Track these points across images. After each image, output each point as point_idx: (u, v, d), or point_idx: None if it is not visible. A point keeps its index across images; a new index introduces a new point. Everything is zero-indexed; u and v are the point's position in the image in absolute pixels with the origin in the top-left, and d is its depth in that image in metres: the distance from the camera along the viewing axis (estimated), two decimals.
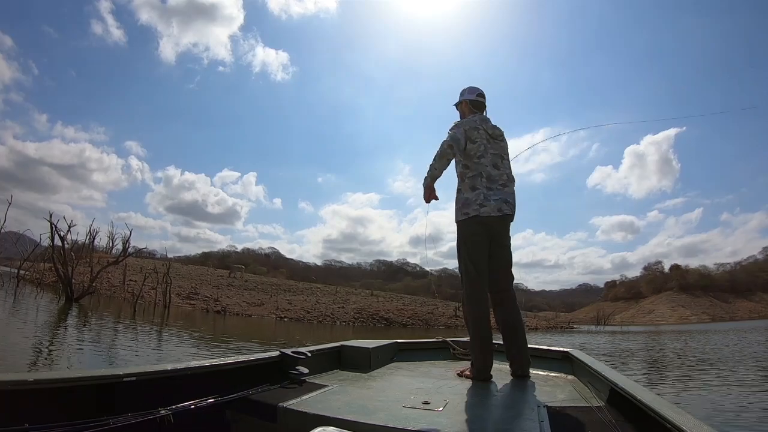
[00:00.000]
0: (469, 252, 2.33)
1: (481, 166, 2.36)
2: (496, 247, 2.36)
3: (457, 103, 2.68)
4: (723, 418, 3.63)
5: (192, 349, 6.86)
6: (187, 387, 1.47)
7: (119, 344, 6.77)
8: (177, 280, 26.24)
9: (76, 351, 5.56)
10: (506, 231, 2.40)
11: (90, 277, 14.55)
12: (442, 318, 24.76)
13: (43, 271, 20.08)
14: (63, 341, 6.36)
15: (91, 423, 1.12)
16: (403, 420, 1.38)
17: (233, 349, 7.43)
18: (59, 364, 4.61)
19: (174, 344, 7.48)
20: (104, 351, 5.87)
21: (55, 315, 10.26)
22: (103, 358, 5.29)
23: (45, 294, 16.41)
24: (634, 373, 6.53)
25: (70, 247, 16.40)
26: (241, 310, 20.25)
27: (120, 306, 15.55)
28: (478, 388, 2.00)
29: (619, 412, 1.47)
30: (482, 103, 2.60)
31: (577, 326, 35.56)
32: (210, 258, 75.61)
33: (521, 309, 2.47)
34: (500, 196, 2.33)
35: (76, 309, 12.41)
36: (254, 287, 28.67)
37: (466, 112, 2.59)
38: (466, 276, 2.33)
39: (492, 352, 2.21)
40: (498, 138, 2.48)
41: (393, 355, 2.81)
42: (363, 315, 22.14)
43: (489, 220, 2.30)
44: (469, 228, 2.34)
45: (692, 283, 71.12)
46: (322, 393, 1.74)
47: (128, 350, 6.17)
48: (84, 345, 6.15)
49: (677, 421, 1.04)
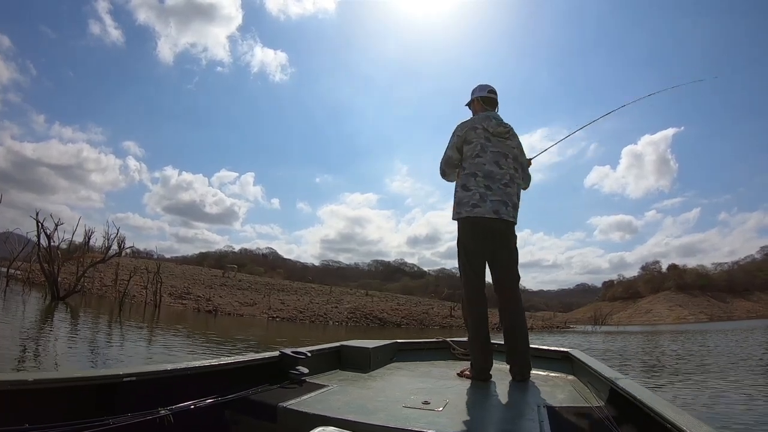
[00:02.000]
0: (466, 252, 2.30)
1: (477, 166, 2.31)
2: (498, 246, 2.29)
3: (469, 103, 2.65)
4: (722, 418, 3.59)
5: (159, 349, 6.71)
6: (187, 387, 1.47)
7: (86, 343, 6.62)
8: (170, 279, 26.15)
9: (42, 350, 5.41)
10: (509, 231, 2.31)
11: (76, 276, 14.34)
12: (437, 318, 24.68)
13: (31, 270, 19.91)
14: (32, 340, 6.21)
15: (90, 423, 1.12)
16: (403, 420, 1.37)
17: (212, 347, 7.28)
18: (26, 365, 4.48)
19: (144, 343, 7.33)
20: (66, 351, 5.71)
21: (35, 314, 10.10)
22: (63, 358, 5.13)
23: (33, 293, 16.29)
24: (627, 375, 6.38)
25: (67, 246, 16.29)
26: (233, 309, 20.10)
27: (108, 305, 15.41)
28: (478, 388, 2.00)
29: (619, 412, 1.46)
30: (493, 100, 2.58)
31: (574, 326, 35.47)
32: (207, 258, 75.57)
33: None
34: (500, 197, 2.26)
35: (61, 308, 12.26)
36: (248, 287, 28.55)
37: (477, 109, 2.57)
38: (464, 275, 2.30)
39: (492, 353, 2.19)
40: (501, 136, 2.40)
41: (393, 355, 2.80)
42: (356, 315, 22.02)
43: (483, 222, 2.24)
44: (464, 228, 2.31)
45: (690, 282, 71.27)
46: (322, 393, 1.75)
47: (91, 348, 6.02)
48: (50, 344, 6.00)
49: (677, 420, 1.04)
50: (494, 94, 2.58)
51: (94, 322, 10.08)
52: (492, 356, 2.18)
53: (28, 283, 19.32)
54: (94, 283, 21.35)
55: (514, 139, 2.45)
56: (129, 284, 17.64)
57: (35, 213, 13.99)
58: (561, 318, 42.35)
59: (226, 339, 9.08)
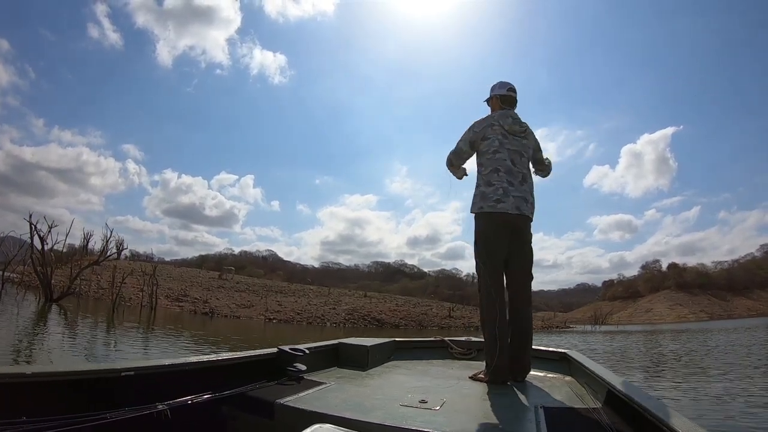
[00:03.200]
0: (486, 246, 2.26)
1: (498, 161, 2.32)
2: (517, 242, 2.29)
3: (487, 99, 2.62)
4: (719, 421, 3.56)
5: (137, 351, 6.63)
6: (185, 382, 1.46)
7: (69, 343, 6.55)
8: (168, 282, 26.09)
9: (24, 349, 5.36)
10: (527, 227, 2.34)
11: (70, 278, 14.28)
12: (436, 319, 24.58)
13: (26, 273, 19.87)
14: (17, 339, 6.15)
15: (88, 417, 1.11)
16: (400, 418, 1.37)
17: (202, 349, 7.21)
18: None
19: (129, 345, 7.26)
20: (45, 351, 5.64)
21: (26, 317, 10.04)
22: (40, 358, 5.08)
23: (29, 295, 16.23)
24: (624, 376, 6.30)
25: (67, 249, 16.20)
26: (229, 311, 20.03)
27: (103, 308, 15.33)
28: (476, 387, 1.99)
29: (616, 414, 1.47)
30: (513, 98, 2.55)
31: (573, 326, 35.35)
32: (207, 261, 75.39)
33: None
34: (520, 194, 2.30)
35: (54, 310, 12.19)
36: (245, 289, 28.47)
37: (495, 107, 2.56)
38: (484, 271, 2.25)
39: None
40: (517, 134, 2.42)
41: (391, 354, 2.80)
42: (354, 316, 21.93)
43: (505, 217, 2.25)
44: (485, 221, 2.29)
45: (690, 281, 71.13)
46: (320, 390, 1.75)
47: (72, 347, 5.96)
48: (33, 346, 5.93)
49: (673, 423, 1.04)
50: (514, 93, 2.56)
51: (82, 323, 10.02)
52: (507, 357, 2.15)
53: (24, 286, 19.30)
54: (91, 285, 21.29)
55: (530, 138, 2.48)
56: (124, 286, 17.59)
57: (29, 216, 13.87)
58: (561, 318, 42.22)
59: (218, 341, 9.02)
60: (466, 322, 24.41)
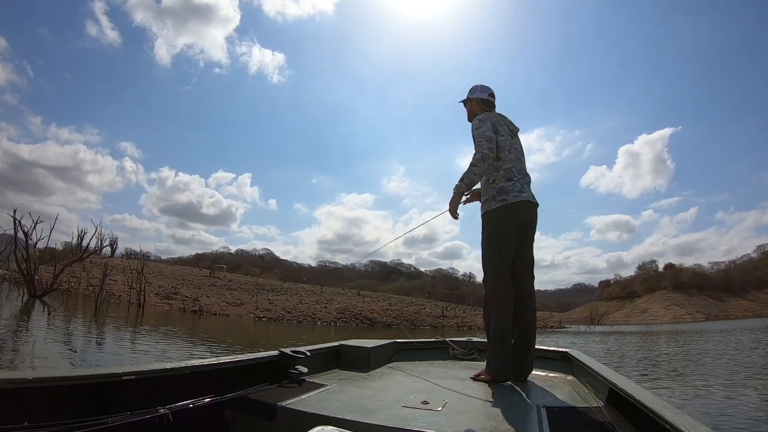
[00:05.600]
0: (499, 243, 2.24)
1: (512, 161, 2.34)
2: (525, 241, 2.31)
3: (464, 100, 2.60)
4: (721, 419, 3.55)
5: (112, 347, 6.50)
6: (186, 386, 1.47)
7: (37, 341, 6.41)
8: (159, 279, 25.96)
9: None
10: (535, 225, 2.36)
11: (53, 275, 14.13)
12: (429, 318, 24.46)
13: (13, 269, 19.75)
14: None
15: (89, 421, 1.12)
16: (402, 420, 1.38)
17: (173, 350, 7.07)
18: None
19: (102, 344, 7.12)
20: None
21: (4, 314, 9.89)
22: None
23: (15, 291, 16.07)
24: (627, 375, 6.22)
25: (61, 247, 16.09)
26: (219, 309, 19.89)
27: (90, 304, 15.17)
28: (478, 388, 1.99)
29: (618, 413, 1.48)
30: (492, 104, 2.55)
31: (568, 326, 35.28)
32: (203, 259, 75.09)
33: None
34: (530, 191, 2.35)
35: (37, 307, 12.04)
36: (237, 287, 28.33)
37: (477, 110, 2.52)
38: (493, 269, 2.23)
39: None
40: (515, 134, 2.48)
41: (392, 355, 2.81)
42: (345, 315, 21.80)
43: (529, 206, 2.28)
44: (504, 215, 2.25)
45: (686, 281, 71.14)
46: (321, 392, 1.76)
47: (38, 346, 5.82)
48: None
49: (676, 421, 1.04)
50: (494, 98, 2.56)
51: (59, 320, 9.87)
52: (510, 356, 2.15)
53: (11, 282, 19.18)
54: (80, 282, 21.16)
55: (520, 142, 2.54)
56: (112, 283, 17.45)
57: (13, 211, 13.71)
58: (557, 318, 42.13)
59: (196, 340, 8.87)
60: (459, 321, 24.31)
